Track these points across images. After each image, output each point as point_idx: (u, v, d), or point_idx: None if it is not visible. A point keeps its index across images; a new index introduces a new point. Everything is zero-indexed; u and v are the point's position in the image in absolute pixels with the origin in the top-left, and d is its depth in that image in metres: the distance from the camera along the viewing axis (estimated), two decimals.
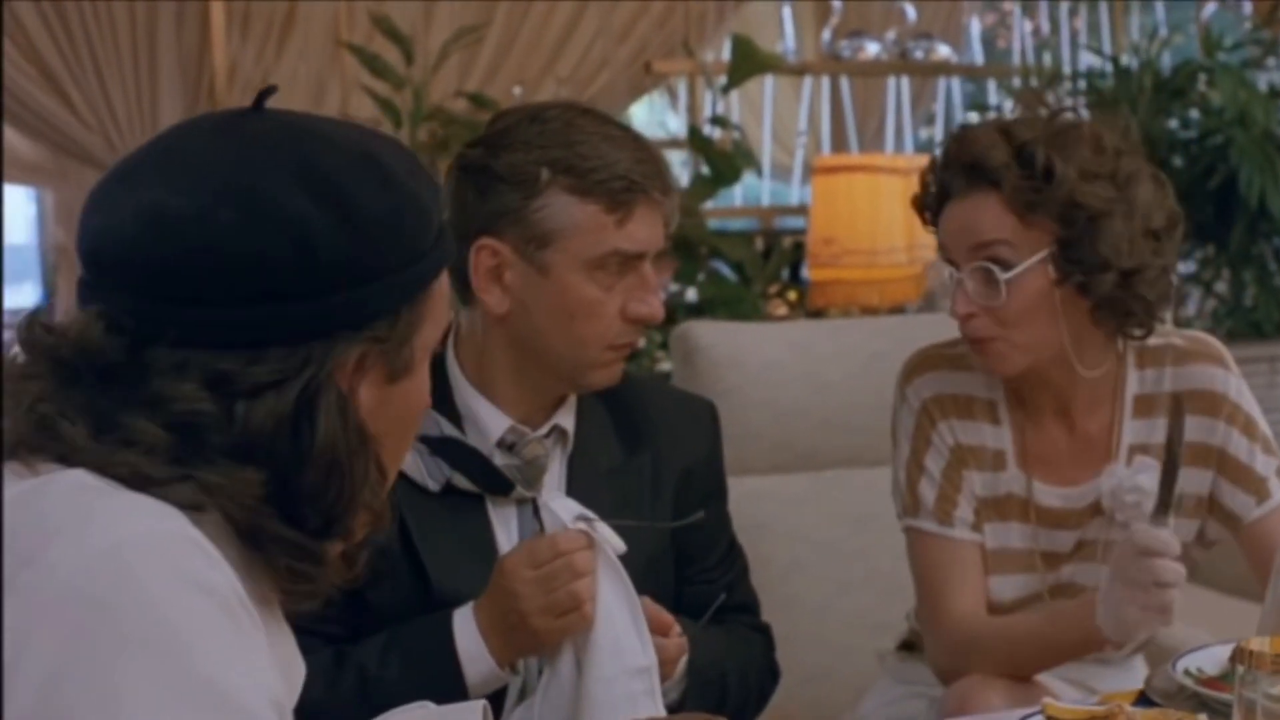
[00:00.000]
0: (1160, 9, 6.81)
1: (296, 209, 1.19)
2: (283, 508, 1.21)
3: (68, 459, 1.18)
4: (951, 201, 2.11)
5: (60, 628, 1.08)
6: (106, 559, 1.10)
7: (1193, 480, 2.16)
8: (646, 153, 2.02)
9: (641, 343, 4.79)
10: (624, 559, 2.02)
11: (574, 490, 2.09)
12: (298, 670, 1.35)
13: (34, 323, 1.22)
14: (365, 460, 1.24)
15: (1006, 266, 2.06)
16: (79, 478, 1.16)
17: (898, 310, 4.89)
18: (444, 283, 1.32)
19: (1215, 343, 2.22)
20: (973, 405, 2.21)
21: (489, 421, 2.05)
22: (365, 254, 1.22)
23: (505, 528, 2.06)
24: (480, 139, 2.05)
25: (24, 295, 6.71)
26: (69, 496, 1.15)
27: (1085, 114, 5.00)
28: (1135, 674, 2.24)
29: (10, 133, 5.34)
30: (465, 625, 1.94)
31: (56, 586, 1.09)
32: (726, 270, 5.19)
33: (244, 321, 1.19)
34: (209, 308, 1.19)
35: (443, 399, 2.04)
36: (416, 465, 2.01)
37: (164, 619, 1.09)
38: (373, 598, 1.97)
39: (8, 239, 7.46)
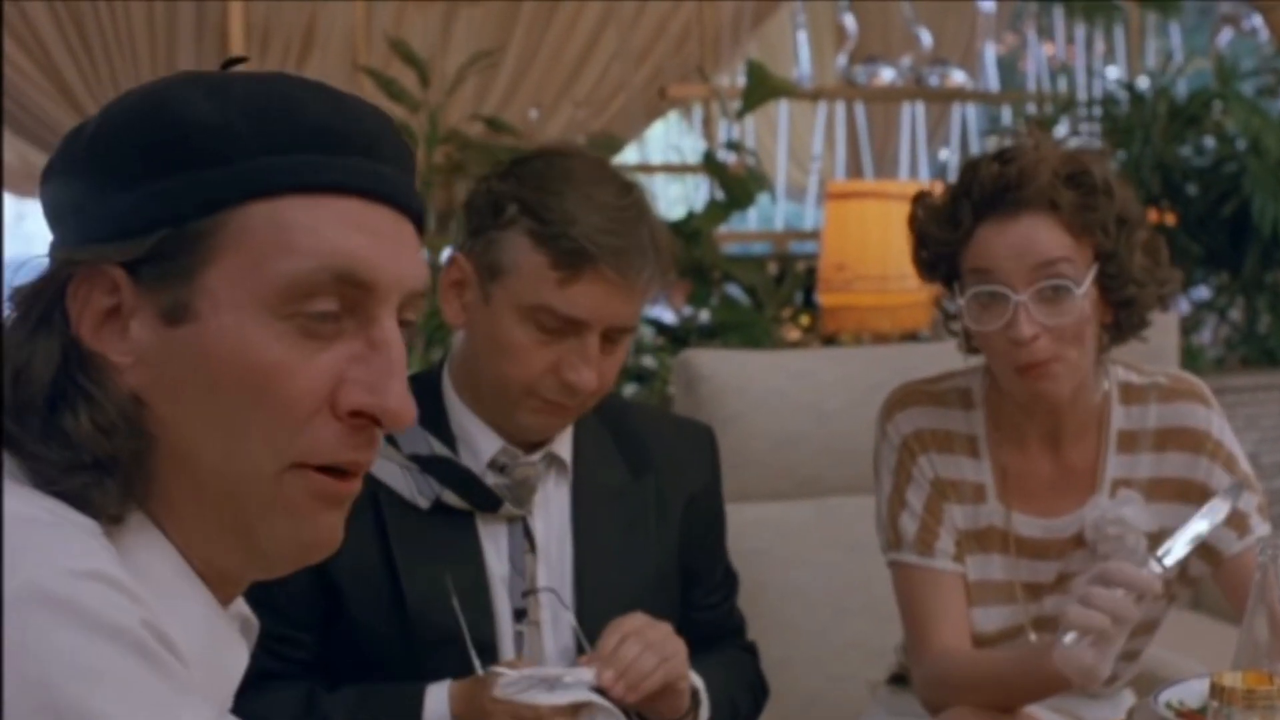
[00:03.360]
0: (1176, 35, 6.83)
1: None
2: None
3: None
4: (989, 224, 2.09)
5: None
6: (13, 609, 0.99)
7: (1175, 516, 2.17)
8: (623, 229, 1.99)
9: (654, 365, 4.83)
10: (631, 580, 2.06)
11: (579, 513, 2.12)
12: (235, 663, 1.22)
13: None
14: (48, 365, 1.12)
15: (1075, 283, 2.08)
16: (12, 507, 1.07)
17: (909, 336, 4.91)
18: (267, 227, 1.11)
19: (1198, 381, 2.24)
20: (952, 440, 2.23)
21: (482, 442, 2.08)
22: (101, 159, 1.13)
23: (494, 544, 2.09)
24: (508, 160, 2.09)
25: None
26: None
27: (1096, 142, 5.03)
28: (1122, 705, 2.25)
29: (28, 147, 5.38)
30: (437, 704, 1.97)
31: None
32: (739, 294, 5.22)
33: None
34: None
35: (437, 420, 2.08)
36: (407, 483, 2.04)
37: (54, 678, 0.99)
38: (354, 615, 2.01)
39: (28, 249, 7.54)
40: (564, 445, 2.14)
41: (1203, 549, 2.18)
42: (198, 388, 1.11)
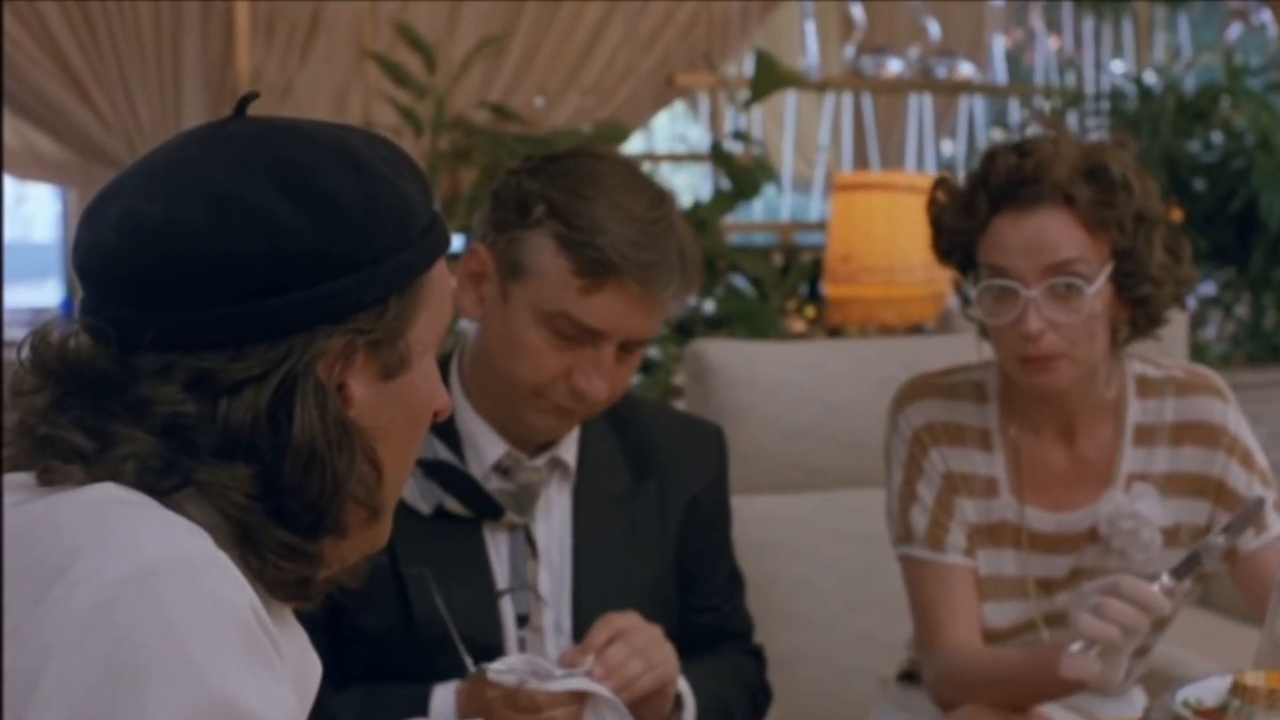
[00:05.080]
0: (1185, 29, 6.81)
1: (263, 205, 1.19)
2: (270, 504, 1.20)
3: (82, 474, 1.18)
4: (1005, 216, 2.07)
5: (86, 653, 1.08)
6: (131, 583, 1.09)
7: (1190, 511, 2.17)
8: (652, 242, 1.95)
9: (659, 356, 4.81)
10: (630, 584, 2.03)
11: (580, 518, 2.10)
12: (311, 669, 1.34)
13: (38, 338, 1.24)
14: (350, 453, 1.22)
15: (1087, 282, 2.06)
16: (106, 491, 1.16)
17: (915, 329, 4.89)
18: (439, 277, 1.29)
19: (1214, 375, 2.23)
20: (964, 433, 2.21)
21: (486, 445, 2.06)
22: (338, 245, 1.20)
23: (497, 550, 2.06)
24: (540, 156, 2.06)
25: (48, 293, 6.75)
26: (93, 511, 1.15)
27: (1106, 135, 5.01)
28: (1134, 703, 2.24)
29: (35, 133, 5.36)
30: (443, 704, 1.95)
31: (79, 607, 1.09)
32: (745, 284, 5.20)
33: (223, 320, 1.18)
34: (187, 310, 1.18)
35: (444, 421, 2.05)
36: (410, 488, 2.01)
37: (186, 645, 1.09)
38: (359, 619, 1.98)
39: (35, 238, 7.51)
40: (569, 449, 2.11)
41: None
42: (399, 427, 1.28)
